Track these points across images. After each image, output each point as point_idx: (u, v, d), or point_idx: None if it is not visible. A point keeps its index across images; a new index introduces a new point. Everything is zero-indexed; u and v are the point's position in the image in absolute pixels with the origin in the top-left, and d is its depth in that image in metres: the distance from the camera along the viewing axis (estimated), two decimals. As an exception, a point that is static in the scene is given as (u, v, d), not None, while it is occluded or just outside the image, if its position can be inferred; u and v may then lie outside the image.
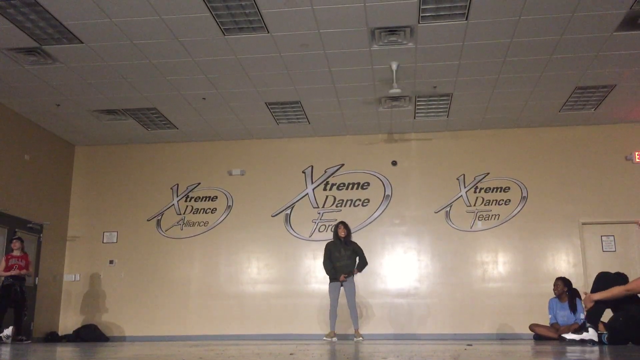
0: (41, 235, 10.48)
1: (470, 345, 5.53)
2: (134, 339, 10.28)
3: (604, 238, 10.15)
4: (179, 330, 10.41)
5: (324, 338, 8.54)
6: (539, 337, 8.33)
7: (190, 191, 11.20)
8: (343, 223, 8.85)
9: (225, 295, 10.66)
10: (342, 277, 8.51)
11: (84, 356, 4.18)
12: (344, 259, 8.51)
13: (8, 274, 8.54)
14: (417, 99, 9.38)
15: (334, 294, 8.50)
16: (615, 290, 4.94)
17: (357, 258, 8.69)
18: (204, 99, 9.35)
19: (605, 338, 4.83)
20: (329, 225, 10.66)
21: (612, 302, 4.97)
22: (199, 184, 11.21)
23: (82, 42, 7.49)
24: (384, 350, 4.31)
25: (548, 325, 8.52)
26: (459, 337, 9.53)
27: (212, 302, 10.65)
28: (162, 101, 9.48)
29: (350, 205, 10.77)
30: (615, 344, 4.73)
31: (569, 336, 4.94)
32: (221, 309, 10.59)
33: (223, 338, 9.89)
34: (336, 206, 10.79)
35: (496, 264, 10.29)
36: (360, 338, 8.54)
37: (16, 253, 8.71)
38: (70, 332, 10.51)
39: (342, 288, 8.55)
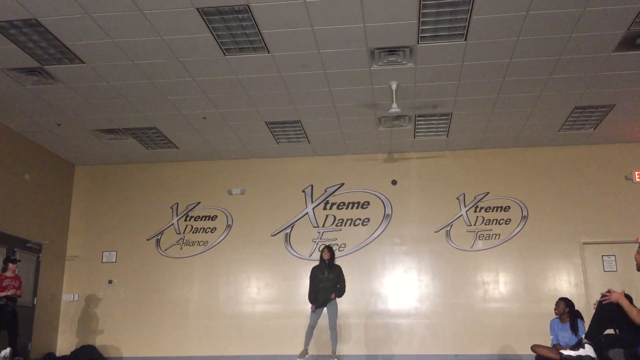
0: (40, 254, 10.43)
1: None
2: (132, 359, 10.17)
3: (605, 258, 10.11)
4: (177, 351, 10.31)
5: (297, 358, 8.53)
6: (541, 359, 8.24)
7: (190, 210, 11.18)
8: (328, 247, 9.01)
9: (225, 315, 10.58)
10: (333, 296, 8.59)
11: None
12: (327, 281, 8.68)
13: (4, 294, 8.50)
14: (417, 119, 9.40)
15: (314, 316, 8.64)
16: (632, 311, 4.86)
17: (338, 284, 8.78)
18: (204, 118, 9.37)
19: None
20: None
21: (615, 321, 4.92)
22: (199, 203, 11.19)
23: (83, 62, 7.53)
24: (384, 372, 4.27)
25: (550, 346, 8.44)
26: (460, 358, 9.45)
27: (211, 322, 10.56)
28: (163, 121, 9.50)
29: (350, 225, 10.73)
30: None
31: (566, 352, 4.91)
32: (220, 329, 10.50)
33: (222, 359, 9.80)
34: (336, 225, 10.76)
35: (497, 283, 10.23)
36: (336, 359, 8.58)
37: (9, 274, 8.69)
38: (68, 352, 10.41)
39: (325, 309, 8.63)
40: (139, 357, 10.33)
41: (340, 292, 8.74)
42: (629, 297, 4.97)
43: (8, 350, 8.29)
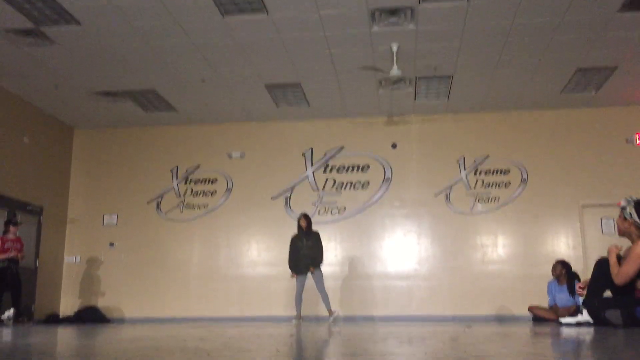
0: (41, 217, 10.49)
1: (470, 326, 5.55)
2: (134, 320, 10.32)
3: (603, 220, 10.15)
4: (179, 312, 10.45)
5: (293, 321, 8.77)
6: (537, 319, 8.36)
7: (190, 174, 11.19)
8: (304, 215, 9.27)
9: (226, 278, 10.70)
10: (311, 269, 8.91)
11: (89, 337, 4.20)
12: (306, 248, 8.98)
13: (5, 256, 8.59)
14: (418, 81, 9.33)
15: (300, 283, 8.98)
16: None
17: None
18: (203, 81, 9.29)
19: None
20: (329, 209, 10.67)
21: (611, 284, 4.96)
22: (199, 166, 11.19)
23: (79, 24, 7.42)
24: (383, 332, 4.33)
25: (547, 307, 8.56)
26: (458, 318, 9.57)
27: (212, 284, 10.68)
28: (161, 83, 9.42)
29: (350, 188, 10.76)
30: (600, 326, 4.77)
31: (565, 320, 4.97)
32: (221, 291, 10.63)
33: (223, 320, 9.94)
34: (336, 189, 10.78)
35: (496, 246, 10.30)
36: (334, 313, 8.86)
37: (11, 236, 8.76)
38: (71, 313, 10.55)
39: (310, 275, 8.95)
40: (141, 318, 10.48)
41: (317, 262, 8.98)
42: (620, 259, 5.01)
43: (12, 311, 8.43)
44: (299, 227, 9.18)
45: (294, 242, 9.17)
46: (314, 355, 2.36)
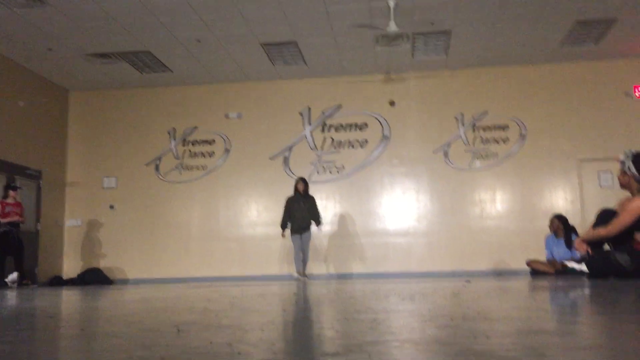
0: (40, 181, 10.50)
1: (469, 281, 5.63)
2: (137, 281, 10.45)
3: (601, 174, 10.19)
4: (180, 273, 10.58)
5: (295, 275, 9.19)
6: (535, 273, 8.47)
7: (187, 135, 11.15)
8: (302, 179, 9.50)
9: (226, 238, 10.78)
10: (312, 224, 9.27)
11: (96, 299, 4.26)
12: (303, 211, 9.25)
13: (6, 220, 8.63)
14: (415, 37, 9.22)
15: (296, 243, 9.25)
16: (598, 233, 5.00)
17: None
18: (199, 41, 9.17)
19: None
20: (327, 168, 10.69)
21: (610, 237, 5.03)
22: (196, 127, 11.14)
23: (71, -16, 7.28)
24: (385, 288, 4.40)
25: (545, 261, 8.67)
26: (457, 274, 9.70)
27: (212, 245, 10.78)
28: (156, 44, 9.30)
29: (348, 147, 10.75)
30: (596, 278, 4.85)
31: (571, 264, 5.04)
32: (222, 252, 10.73)
33: (224, 280, 10.07)
34: (334, 148, 10.77)
35: (494, 202, 10.36)
36: (305, 278, 9.10)
37: (10, 201, 8.79)
38: (74, 276, 10.67)
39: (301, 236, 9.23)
40: (143, 279, 10.61)
41: (318, 221, 9.30)
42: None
43: (15, 274, 8.51)
44: (296, 190, 9.36)
45: (289, 203, 9.35)
46: (319, 313, 2.40)
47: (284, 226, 9.31)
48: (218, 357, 1.26)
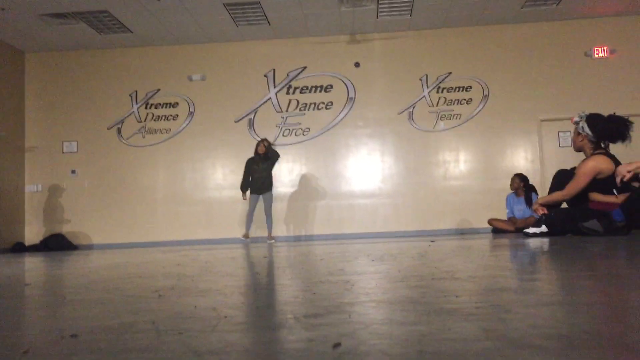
0: (-2, 146, 10.24)
1: (434, 241, 5.78)
2: (102, 246, 10.37)
3: (560, 134, 10.45)
4: (146, 237, 10.54)
5: (242, 237, 9.36)
6: (497, 231, 8.74)
7: (149, 98, 10.96)
8: (262, 140, 9.50)
9: (192, 202, 10.75)
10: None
11: (65, 265, 4.24)
12: (262, 171, 9.34)
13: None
14: (380, -2, 9.16)
15: (252, 203, 9.33)
16: (555, 197, 5.18)
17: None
18: (159, 0, 8.94)
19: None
20: (293, 130, 10.68)
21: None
22: (159, 90, 10.96)
23: (23, -60, 6.98)
24: (353, 250, 4.49)
25: (505, 219, 8.94)
26: (421, 233, 9.93)
27: (178, 208, 10.74)
28: (114, 3, 9.03)
29: (313, 109, 10.74)
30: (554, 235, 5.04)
31: (531, 230, 5.21)
32: (188, 215, 10.71)
33: (191, 243, 10.08)
34: (299, 110, 10.75)
35: (457, 162, 10.55)
36: (273, 240, 9.31)
37: None
38: (37, 242, 10.53)
39: (261, 197, 9.34)
40: (109, 244, 10.53)
41: (268, 186, 9.37)
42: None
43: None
44: (256, 152, 9.40)
45: (249, 165, 9.42)
46: (293, 277, 2.46)
47: (243, 188, 9.40)
48: (206, 321, 1.30)
